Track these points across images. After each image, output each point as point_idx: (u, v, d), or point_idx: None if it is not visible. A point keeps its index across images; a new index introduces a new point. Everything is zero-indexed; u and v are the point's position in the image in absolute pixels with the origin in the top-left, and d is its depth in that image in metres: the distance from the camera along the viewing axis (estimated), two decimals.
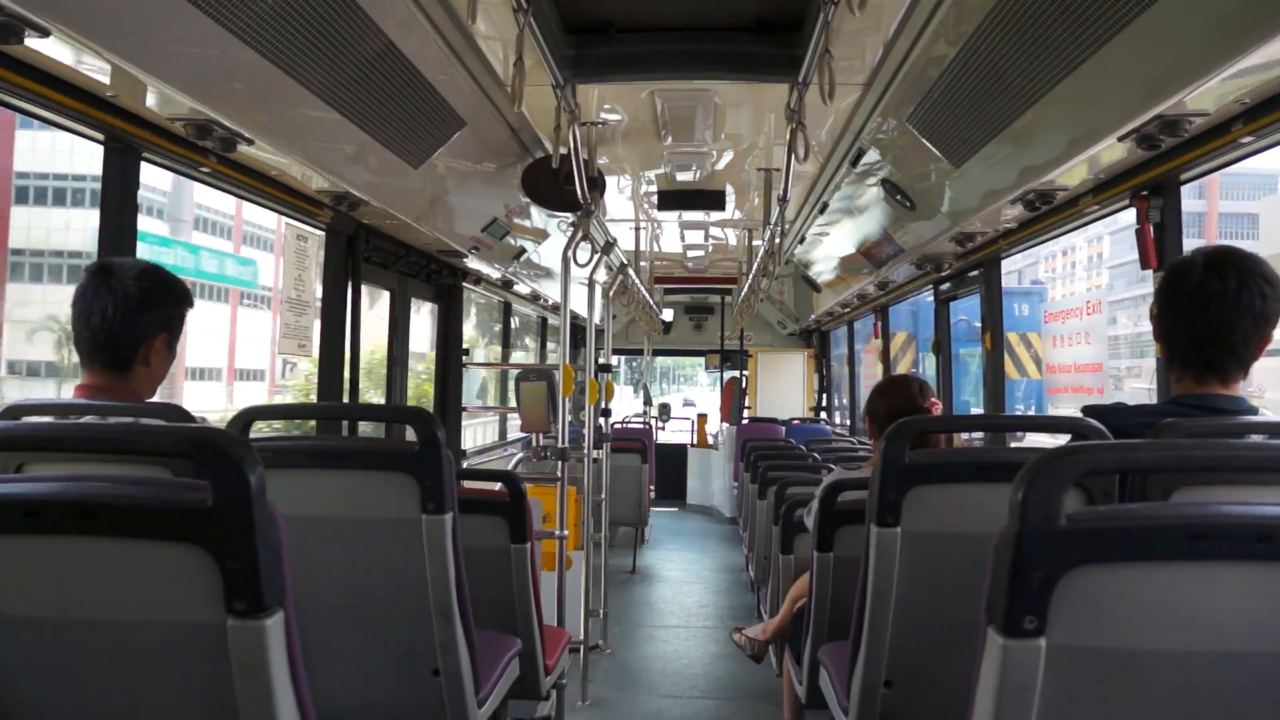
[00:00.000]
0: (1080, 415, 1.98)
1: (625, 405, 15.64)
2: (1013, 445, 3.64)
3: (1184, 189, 2.99)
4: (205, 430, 1.21)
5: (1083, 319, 4.22)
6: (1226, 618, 1.10)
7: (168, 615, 1.24)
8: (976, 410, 5.58)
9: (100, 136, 2.60)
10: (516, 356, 9.28)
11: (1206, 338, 1.84)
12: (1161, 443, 1.49)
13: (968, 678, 1.21)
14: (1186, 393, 1.90)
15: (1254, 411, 1.88)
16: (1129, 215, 3.11)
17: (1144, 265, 3.00)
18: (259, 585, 1.18)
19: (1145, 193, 3.01)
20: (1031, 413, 5.59)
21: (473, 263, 5.40)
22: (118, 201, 2.68)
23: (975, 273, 4.83)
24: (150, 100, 2.49)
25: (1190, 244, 2.56)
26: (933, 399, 2.96)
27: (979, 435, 4.50)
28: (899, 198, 4.45)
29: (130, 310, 1.98)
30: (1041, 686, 1.11)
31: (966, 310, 6.90)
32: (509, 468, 5.14)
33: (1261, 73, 2.16)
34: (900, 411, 2.93)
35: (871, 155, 4.29)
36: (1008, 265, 4.68)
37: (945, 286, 5.51)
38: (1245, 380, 1.89)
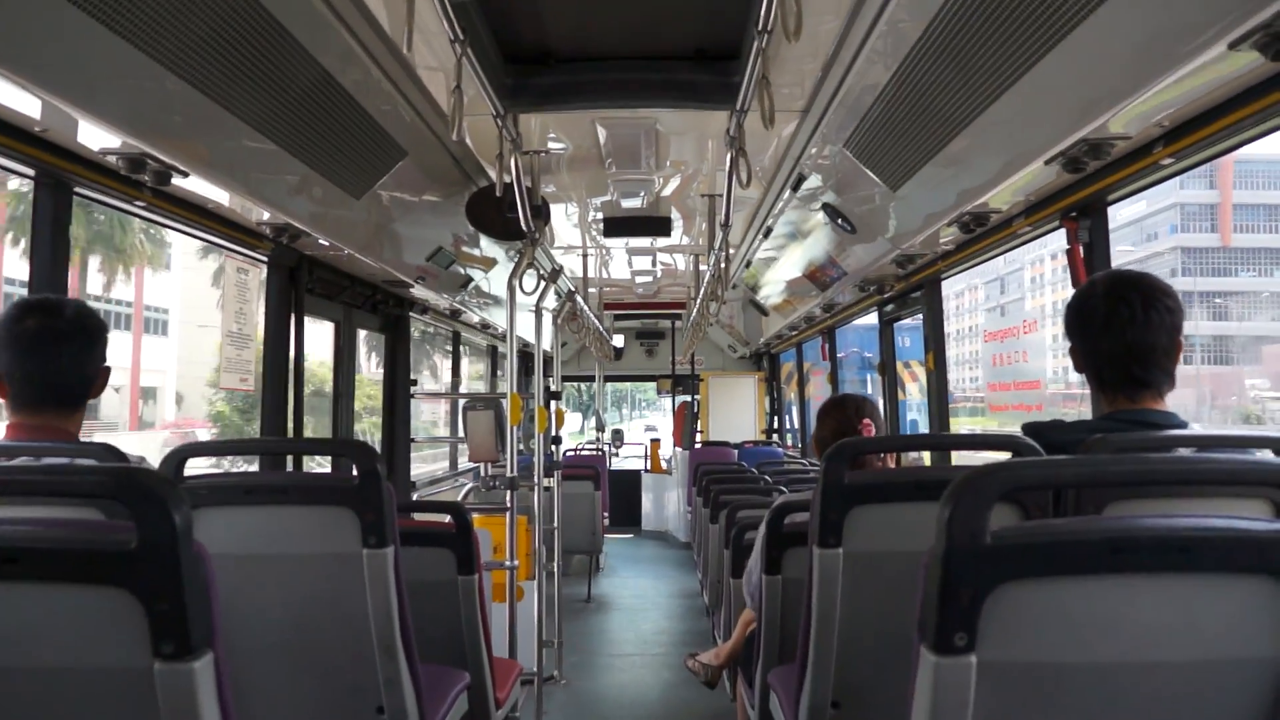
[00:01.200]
0: (1018, 433, 2.02)
1: (579, 434, 15.59)
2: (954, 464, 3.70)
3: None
4: (128, 470, 1.19)
5: (1020, 338, 4.31)
6: (1150, 628, 1.13)
7: (94, 660, 1.21)
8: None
9: (31, 172, 2.55)
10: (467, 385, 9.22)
11: (1131, 358, 1.91)
12: (1083, 459, 1.53)
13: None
14: (1123, 408, 1.95)
15: (1184, 425, 1.93)
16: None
17: (1075, 285, 3.08)
18: (186, 627, 1.16)
19: (1074, 214, 3.09)
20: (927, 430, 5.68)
21: (419, 292, 5.37)
22: (50, 237, 2.63)
23: (917, 294, 4.92)
24: (81, 134, 2.45)
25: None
26: (865, 419, 2.99)
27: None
28: (840, 221, 4.52)
29: (85, 349, 1.97)
30: (974, 702, 1.12)
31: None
32: (459, 498, 5.09)
33: (1179, 96, 2.24)
34: (840, 433, 2.98)
35: (813, 180, 4.36)
36: (955, 282, 4.76)
37: (889, 308, 5.60)
38: (1173, 389, 1.96)
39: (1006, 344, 4.34)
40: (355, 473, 2.09)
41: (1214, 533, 1.11)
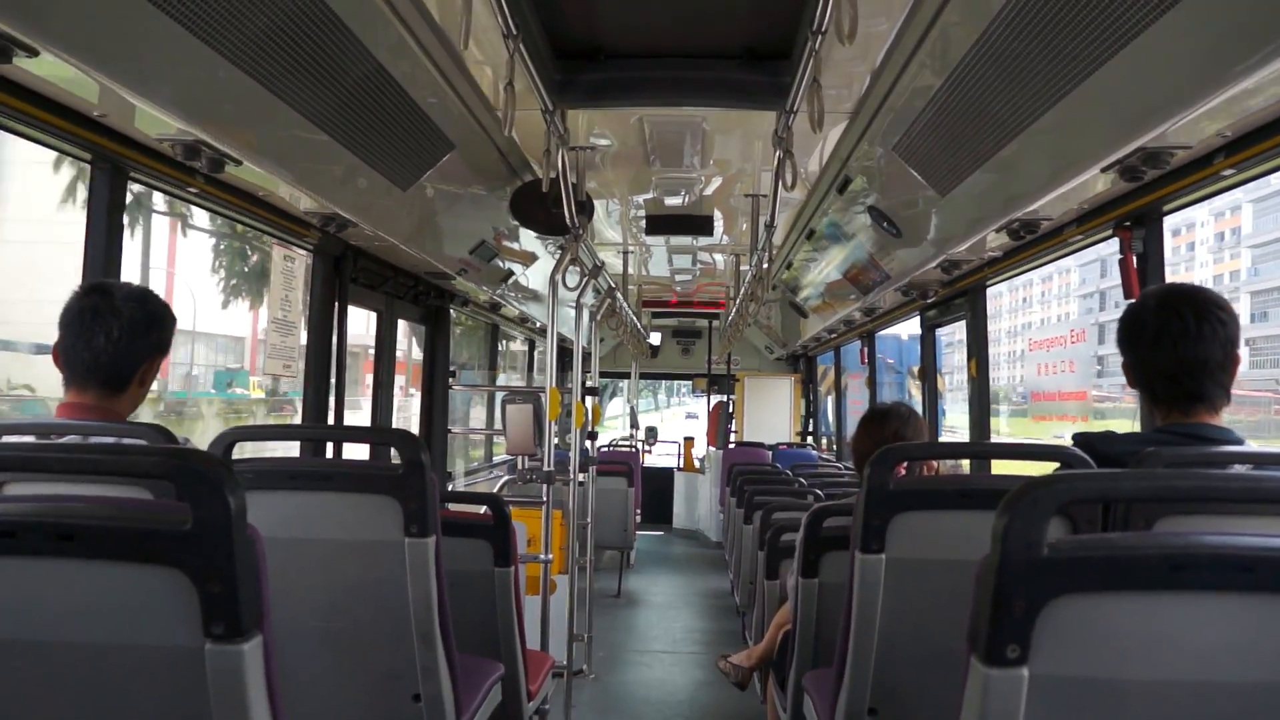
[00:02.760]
0: (1069, 444, 1.99)
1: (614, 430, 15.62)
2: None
3: None
4: (185, 452, 1.20)
5: (1066, 347, 4.24)
6: (1208, 648, 1.10)
7: (145, 639, 1.22)
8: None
9: (88, 156, 2.59)
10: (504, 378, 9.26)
11: (1184, 372, 1.88)
12: (1143, 473, 1.50)
13: (952, 706, 1.20)
14: (1176, 422, 1.92)
15: (1240, 441, 1.90)
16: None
17: (1127, 295, 3.03)
18: (237, 609, 1.17)
19: (1128, 223, 3.04)
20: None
21: (461, 284, 5.40)
22: (105, 221, 2.67)
23: (961, 300, 4.86)
24: (138, 120, 2.49)
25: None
26: (903, 429, 2.96)
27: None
28: (885, 225, 4.48)
29: (135, 333, 2.01)
30: (1025, 716, 1.10)
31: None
32: (495, 490, 5.12)
33: (1242, 105, 2.19)
34: (878, 441, 2.95)
35: (859, 183, 4.32)
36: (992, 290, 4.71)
37: (931, 313, 5.54)
38: (1229, 404, 1.92)
39: (1053, 353, 4.28)
40: (399, 461, 2.10)
41: (1279, 553, 1.09)
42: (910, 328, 7.31)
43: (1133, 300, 2.07)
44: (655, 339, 11.63)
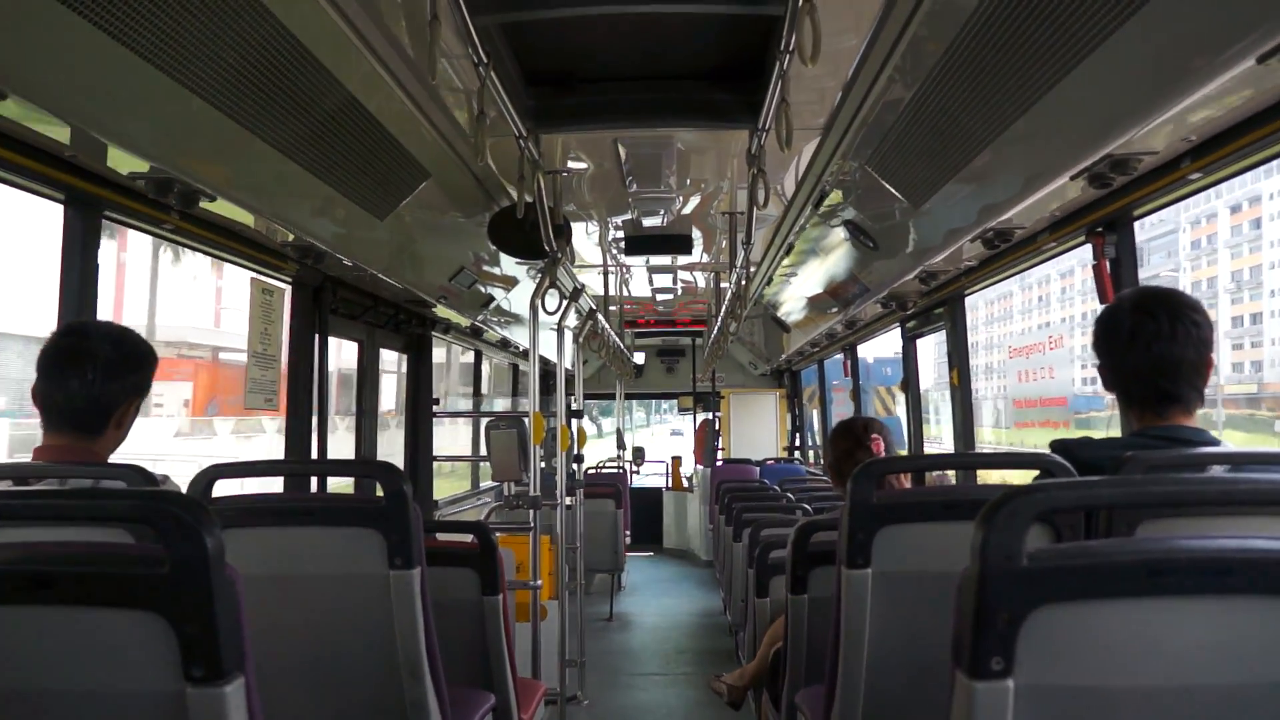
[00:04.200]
0: (1048, 451, 2.00)
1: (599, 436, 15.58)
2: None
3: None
4: (159, 494, 1.19)
5: (1045, 354, 4.27)
6: (1190, 651, 1.11)
7: (124, 684, 1.21)
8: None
9: (60, 196, 2.58)
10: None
11: (1159, 373, 1.89)
12: (1120, 480, 1.51)
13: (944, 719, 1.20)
14: (1151, 425, 1.93)
15: (1215, 442, 1.91)
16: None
17: (1102, 300, 3.05)
18: (218, 651, 1.16)
19: (1100, 229, 3.07)
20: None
21: (442, 311, 5.39)
22: (80, 261, 2.65)
23: (940, 310, 4.89)
24: (111, 159, 2.48)
25: None
26: (875, 435, 2.97)
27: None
28: (862, 238, 4.51)
29: (110, 376, 1.98)
30: None
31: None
32: (481, 517, 5.09)
33: (1207, 110, 2.22)
34: (850, 455, 2.97)
35: (834, 197, 4.35)
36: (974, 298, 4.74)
37: (911, 324, 5.57)
38: (1202, 405, 1.94)
39: (1032, 360, 4.31)
40: (381, 493, 2.09)
41: (1256, 554, 1.09)
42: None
43: (1106, 304, 2.09)
44: (639, 359, 11.63)
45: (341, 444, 4.88)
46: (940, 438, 6.34)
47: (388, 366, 5.65)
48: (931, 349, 5.63)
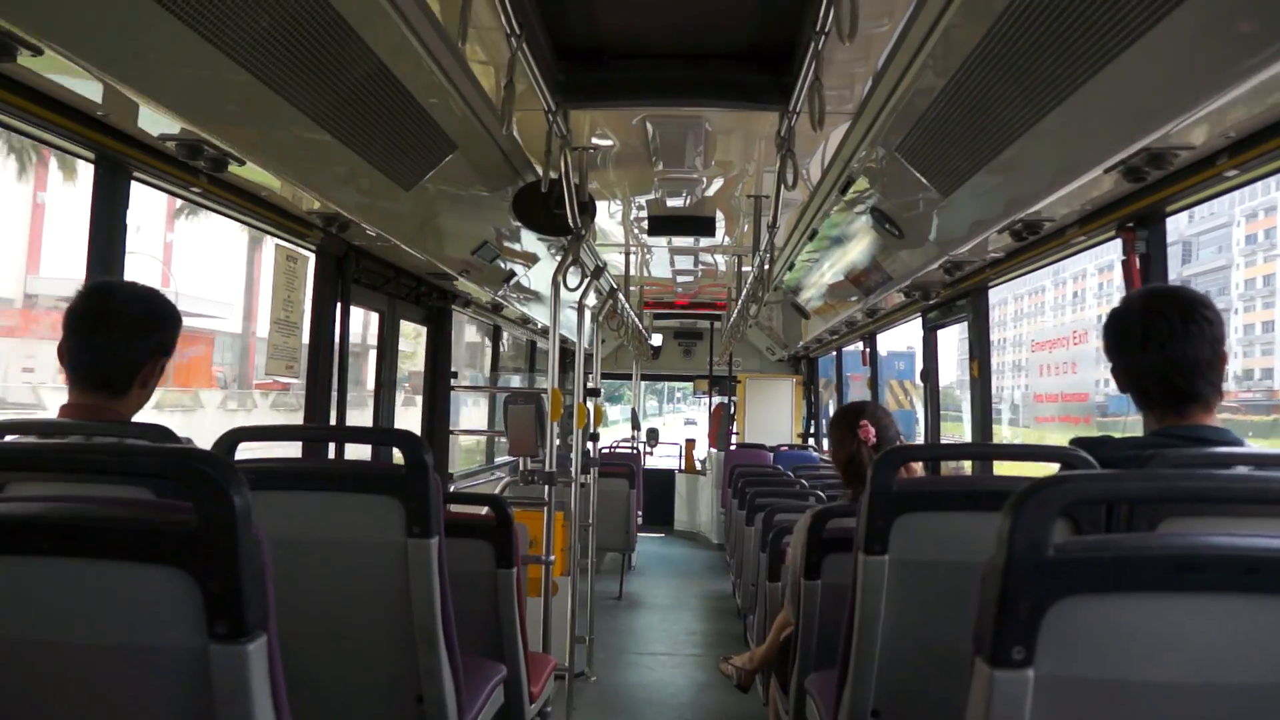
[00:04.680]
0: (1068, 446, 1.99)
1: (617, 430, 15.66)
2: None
3: None
4: (190, 452, 1.20)
5: (1069, 349, 4.24)
6: (1214, 649, 1.10)
7: (149, 639, 1.22)
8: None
9: (90, 155, 2.59)
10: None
11: (1176, 372, 1.88)
12: (1149, 473, 1.50)
13: (956, 708, 1.20)
14: (1172, 424, 1.92)
15: (1239, 442, 1.89)
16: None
17: None
18: (242, 609, 1.17)
19: (1131, 224, 3.03)
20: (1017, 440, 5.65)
21: (462, 285, 5.40)
22: (107, 221, 2.67)
23: (963, 301, 4.86)
24: (141, 120, 2.49)
25: None
26: (863, 421, 2.94)
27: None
28: (888, 226, 4.48)
29: (133, 335, 1.99)
30: (1030, 718, 1.10)
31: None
32: (496, 491, 5.11)
33: (1246, 107, 2.19)
34: (844, 442, 2.96)
35: (861, 184, 4.32)
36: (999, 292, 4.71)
37: (933, 314, 5.54)
38: (1221, 401, 1.92)
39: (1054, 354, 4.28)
40: (402, 462, 2.10)
41: None
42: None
43: (1114, 306, 2.07)
44: (657, 340, 11.63)
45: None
46: (959, 435, 6.33)
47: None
48: (951, 343, 5.61)
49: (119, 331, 1.98)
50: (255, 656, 1.19)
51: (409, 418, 5.93)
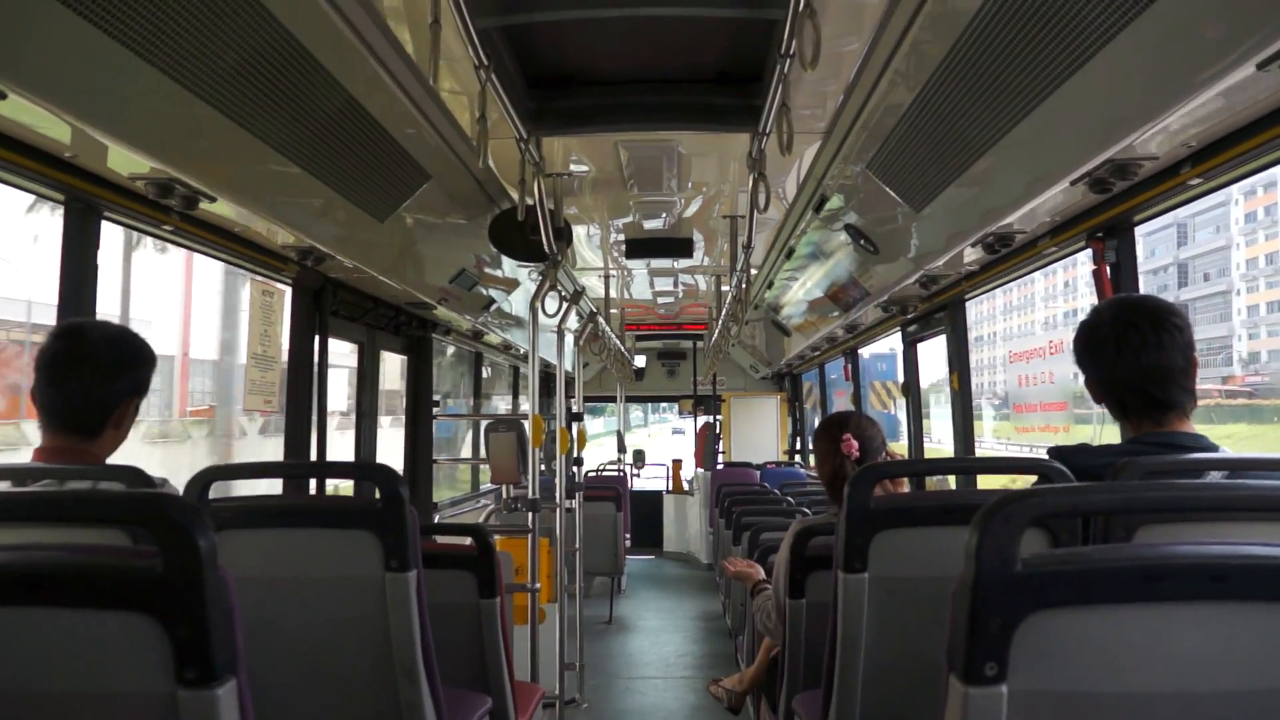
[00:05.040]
0: (1046, 457, 2.00)
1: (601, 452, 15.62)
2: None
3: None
4: (152, 496, 1.19)
5: (1045, 359, 4.27)
6: (1185, 658, 1.10)
7: (117, 686, 1.20)
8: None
9: (60, 197, 2.58)
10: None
11: (1151, 382, 1.89)
12: (1115, 485, 1.50)
13: None
14: (1149, 432, 1.93)
15: (1214, 448, 1.91)
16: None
17: None
18: (210, 653, 1.16)
19: (1100, 234, 3.06)
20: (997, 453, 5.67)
21: (442, 313, 5.39)
22: (78, 262, 2.66)
23: (941, 314, 4.89)
24: (111, 160, 2.48)
25: None
26: (846, 435, 2.93)
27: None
28: (863, 242, 4.51)
29: (106, 377, 1.97)
30: None
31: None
32: (480, 520, 5.09)
33: (1206, 117, 2.22)
34: (828, 454, 2.95)
35: (835, 201, 4.35)
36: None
37: (912, 328, 5.57)
38: (1195, 406, 1.94)
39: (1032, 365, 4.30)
40: (378, 495, 2.09)
41: (1251, 560, 1.09)
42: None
43: (1084, 318, 2.08)
44: (640, 361, 11.64)
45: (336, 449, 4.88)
46: (939, 438, 6.34)
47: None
48: (930, 349, 5.63)
49: (90, 374, 1.96)
50: (225, 701, 1.18)
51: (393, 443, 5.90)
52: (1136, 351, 1.89)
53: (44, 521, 1.47)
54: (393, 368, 5.94)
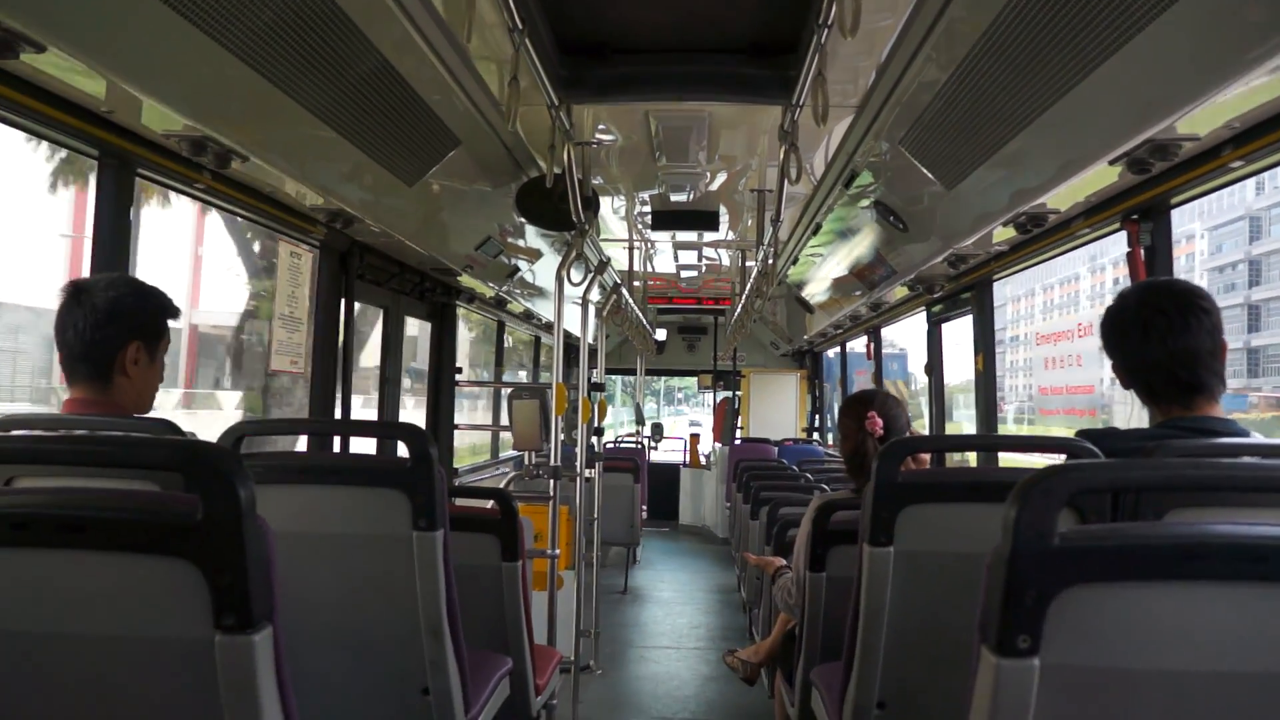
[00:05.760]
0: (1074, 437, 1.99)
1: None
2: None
3: None
4: (196, 444, 1.21)
5: (1074, 341, 4.24)
6: (1220, 638, 1.10)
7: (155, 630, 1.23)
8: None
9: (95, 152, 2.60)
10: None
11: (1178, 364, 1.88)
12: (1155, 462, 1.49)
13: (961, 699, 1.20)
14: (1179, 416, 1.92)
15: (1245, 433, 1.89)
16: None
17: None
18: (248, 601, 1.17)
19: (1135, 216, 3.03)
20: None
21: (466, 281, 5.40)
22: (112, 217, 2.68)
23: (967, 294, 4.86)
24: (145, 116, 2.49)
25: None
26: (871, 412, 2.91)
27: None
28: (891, 220, 4.47)
29: (99, 322, 1.97)
30: (1035, 706, 1.10)
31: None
32: (501, 486, 5.12)
33: (1251, 97, 2.18)
34: (853, 432, 2.94)
35: (864, 177, 4.32)
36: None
37: (937, 308, 5.53)
38: (1225, 390, 1.93)
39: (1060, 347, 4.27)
40: (407, 455, 2.11)
41: None
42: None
43: (1110, 304, 2.07)
44: (661, 335, 11.62)
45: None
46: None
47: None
48: (951, 339, 5.60)
49: (84, 320, 1.97)
50: (261, 647, 1.20)
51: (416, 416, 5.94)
52: (1163, 335, 1.88)
53: (87, 465, 1.49)
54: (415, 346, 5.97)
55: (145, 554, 1.19)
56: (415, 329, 5.69)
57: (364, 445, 5.25)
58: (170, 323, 2.13)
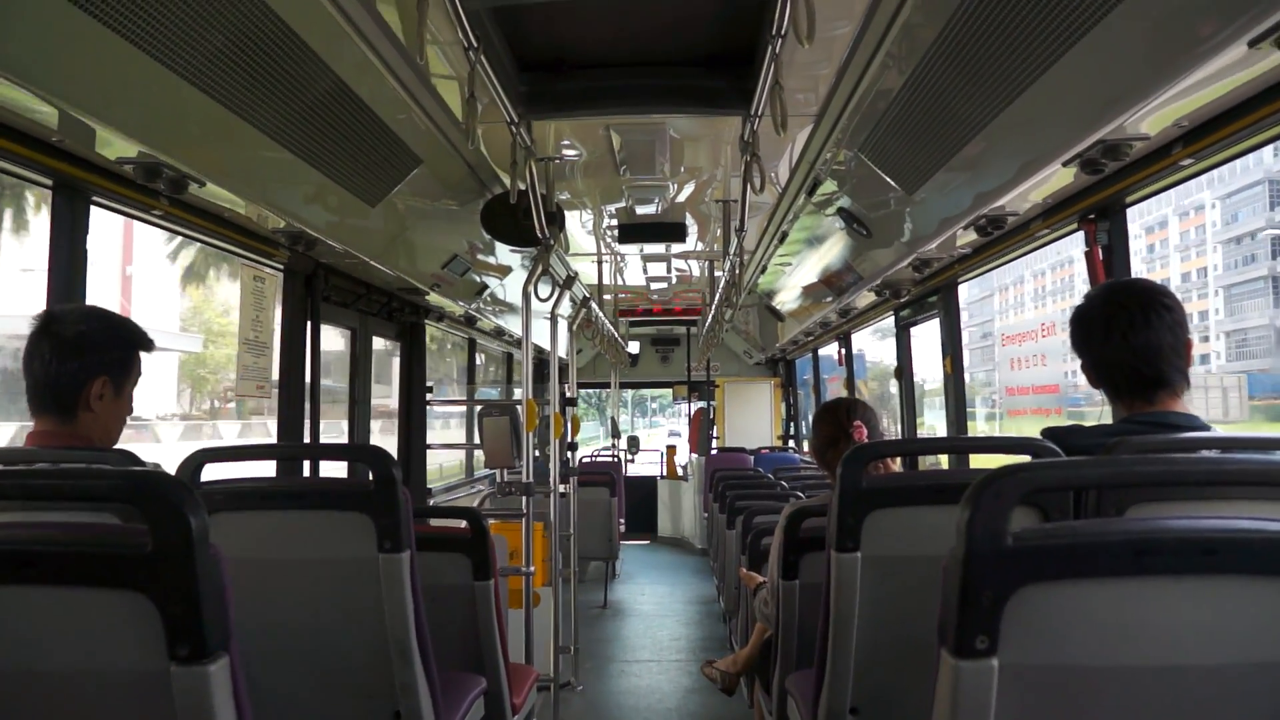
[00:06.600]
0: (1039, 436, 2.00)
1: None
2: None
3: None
4: (143, 473, 1.19)
5: (1037, 341, 4.28)
6: (1175, 632, 1.11)
7: (109, 663, 1.21)
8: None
9: (48, 181, 2.57)
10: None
11: (1140, 360, 1.91)
12: (1106, 460, 1.51)
13: (933, 703, 1.20)
14: (1140, 411, 1.94)
15: (1206, 427, 1.91)
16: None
17: (1093, 286, 3.05)
18: (202, 630, 1.16)
19: (1092, 216, 3.06)
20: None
21: (435, 299, 5.38)
22: (67, 247, 2.64)
23: (933, 298, 4.89)
24: (98, 144, 2.47)
25: None
26: (857, 421, 2.94)
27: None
28: (856, 226, 4.50)
29: (66, 356, 1.95)
30: (996, 706, 1.11)
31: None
32: (475, 504, 5.09)
33: (1198, 96, 2.22)
34: (833, 439, 2.95)
35: (828, 185, 4.34)
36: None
37: (905, 312, 5.57)
38: (1189, 388, 1.95)
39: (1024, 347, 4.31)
40: (371, 478, 2.09)
41: (1240, 534, 1.09)
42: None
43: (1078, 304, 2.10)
44: (634, 348, 11.63)
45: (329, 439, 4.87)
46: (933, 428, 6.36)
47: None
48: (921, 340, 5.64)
49: (51, 354, 1.94)
50: (217, 677, 1.18)
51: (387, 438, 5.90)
52: (1125, 331, 1.92)
53: (35, 500, 1.47)
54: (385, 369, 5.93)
55: (96, 587, 1.18)
56: (382, 346, 5.66)
57: (338, 469, 5.22)
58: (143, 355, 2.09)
